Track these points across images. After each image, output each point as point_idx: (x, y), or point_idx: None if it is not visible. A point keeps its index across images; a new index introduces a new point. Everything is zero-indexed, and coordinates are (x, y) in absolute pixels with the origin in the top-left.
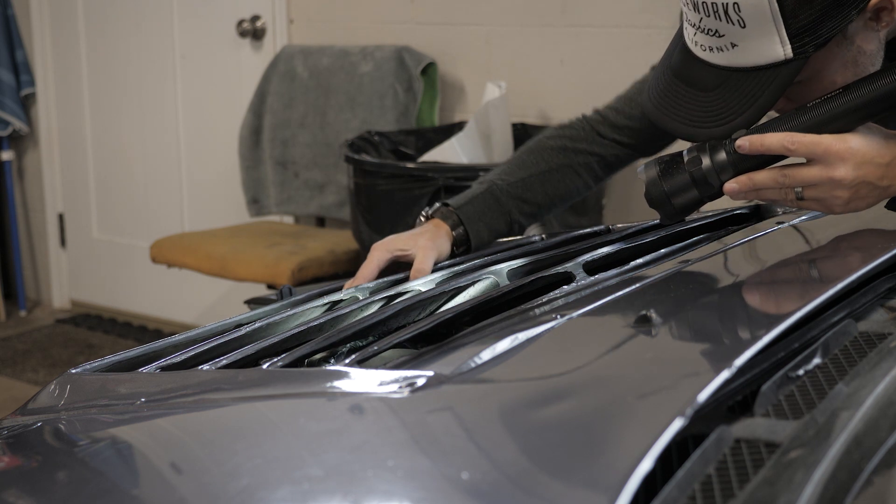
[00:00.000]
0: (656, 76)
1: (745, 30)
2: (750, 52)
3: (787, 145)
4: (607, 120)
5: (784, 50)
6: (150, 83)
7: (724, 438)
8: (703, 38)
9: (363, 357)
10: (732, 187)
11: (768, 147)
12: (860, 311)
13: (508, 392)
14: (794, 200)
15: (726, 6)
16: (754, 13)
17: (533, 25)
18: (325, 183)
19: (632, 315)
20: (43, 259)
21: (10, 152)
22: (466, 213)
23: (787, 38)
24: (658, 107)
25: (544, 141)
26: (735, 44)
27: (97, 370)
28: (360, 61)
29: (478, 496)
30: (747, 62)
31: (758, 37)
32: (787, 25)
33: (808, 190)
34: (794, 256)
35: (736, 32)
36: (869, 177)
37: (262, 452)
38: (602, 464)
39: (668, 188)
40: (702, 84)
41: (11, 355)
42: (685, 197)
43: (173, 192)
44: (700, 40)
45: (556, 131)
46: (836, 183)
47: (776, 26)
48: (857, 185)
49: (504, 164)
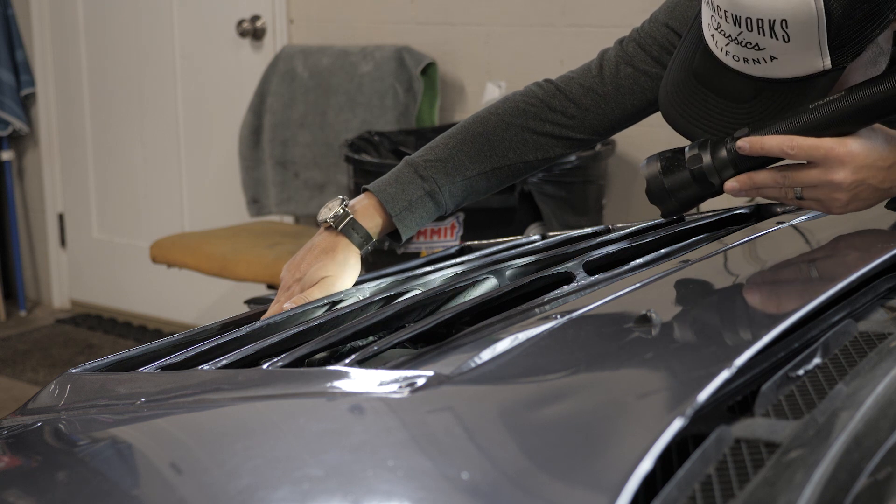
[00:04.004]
0: (675, 80)
1: (788, 44)
2: (789, 65)
3: (785, 149)
4: (564, 95)
5: (824, 62)
6: (150, 83)
7: (724, 438)
8: (737, 49)
9: (363, 357)
10: (732, 186)
11: (768, 150)
12: (860, 311)
13: (508, 392)
14: (794, 199)
15: (773, 22)
16: (802, 30)
17: (533, 25)
18: (325, 183)
19: (632, 315)
20: (43, 259)
21: (10, 152)
22: (406, 221)
23: (829, 52)
24: (684, 115)
25: (480, 113)
26: (775, 57)
27: (97, 370)
28: (360, 61)
29: (478, 496)
30: (785, 74)
31: (801, 51)
32: (829, 40)
33: (807, 191)
34: (794, 256)
35: (778, 47)
36: (869, 180)
37: (262, 452)
38: (602, 464)
39: (669, 184)
40: (734, 95)
41: (11, 355)
42: (685, 193)
43: (173, 192)
44: (733, 51)
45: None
46: (835, 186)
47: (820, 41)
48: (857, 188)
49: (442, 150)
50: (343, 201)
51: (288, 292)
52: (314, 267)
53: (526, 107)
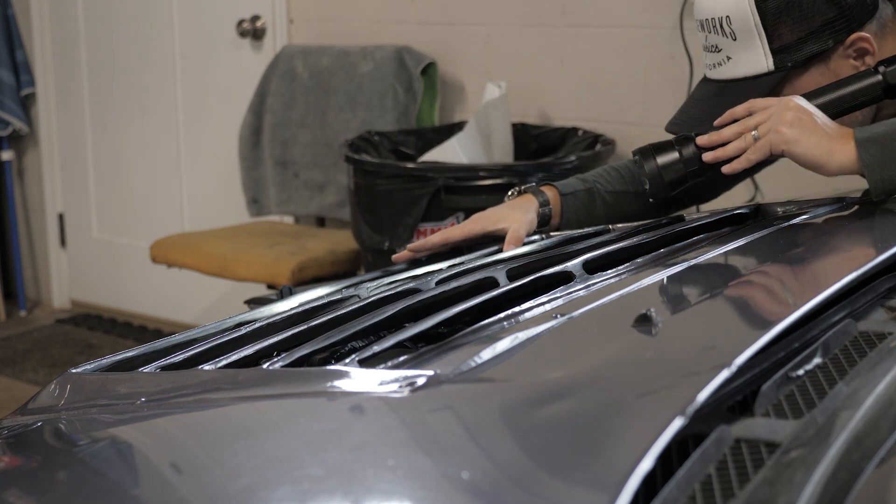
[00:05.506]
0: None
1: (735, 42)
2: (741, 64)
3: (737, 112)
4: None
5: (767, 62)
6: (150, 83)
7: (724, 438)
8: (709, 57)
9: (363, 357)
10: (703, 140)
11: (733, 114)
12: (860, 311)
13: (508, 392)
14: (753, 141)
15: (721, 20)
16: (742, 25)
17: (533, 25)
18: (325, 183)
19: (632, 315)
20: (43, 259)
21: (10, 152)
22: (568, 202)
23: (770, 52)
24: (673, 122)
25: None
26: (730, 56)
27: (97, 370)
28: (360, 61)
29: (478, 495)
30: (738, 73)
31: (746, 49)
32: (769, 41)
33: (760, 128)
34: (793, 256)
35: (730, 45)
36: (813, 116)
37: (263, 452)
38: (602, 463)
39: (660, 161)
40: (705, 95)
41: (11, 355)
42: (668, 157)
43: (173, 192)
44: (708, 60)
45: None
46: (782, 105)
47: (760, 40)
48: (801, 112)
49: (604, 170)
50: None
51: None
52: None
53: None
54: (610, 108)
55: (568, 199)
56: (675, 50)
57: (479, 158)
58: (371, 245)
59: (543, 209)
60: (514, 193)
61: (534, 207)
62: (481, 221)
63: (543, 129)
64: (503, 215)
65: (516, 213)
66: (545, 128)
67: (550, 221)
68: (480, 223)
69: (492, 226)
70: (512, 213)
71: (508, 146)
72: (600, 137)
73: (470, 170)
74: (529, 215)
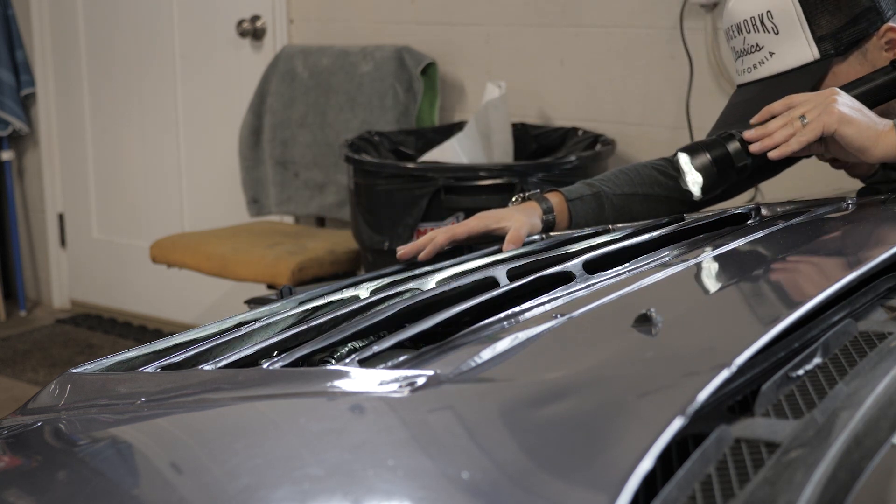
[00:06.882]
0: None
1: (779, 36)
2: (785, 56)
3: (780, 107)
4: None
5: (812, 51)
6: (150, 83)
7: (724, 438)
8: (748, 59)
9: (363, 357)
10: (750, 135)
11: (771, 111)
12: (860, 311)
13: (508, 391)
14: (801, 127)
15: (761, 17)
16: (784, 18)
17: (533, 25)
18: (325, 183)
19: (632, 315)
20: (43, 259)
21: (10, 152)
22: (576, 207)
23: (814, 41)
24: (718, 125)
25: (650, 166)
26: (773, 52)
27: (97, 370)
28: (360, 61)
29: (478, 495)
30: (783, 66)
31: (790, 39)
32: (812, 30)
33: (808, 113)
34: (793, 256)
35: (772, 40)
36: (860, 108)
37: (263, 452)
38: (602, 463)
39: (712, 155)
40: (744, 98)
41: (11, 355)
42: (718, 152)
43: (173, 192)
44: (746, 63)
45: (662, 161)
46: (827, 92)
47: (803, 29)
48: (847, 98)
49: (610, 174)
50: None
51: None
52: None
53: (656, 164)
54: (610, 108)
55: (575, 203)
56: (675, 50)
57: (479, 158)
58: (371, 245)
59: (547, 216)
60: (518, 200)
61: (537, 214)
62: (485, 219)
63: (543, 129)
64: (506, 214)
65: (519, 214)
66: (545, 128)
67: (555, 228)
68: (484, 220)
69: (495, 224)
70: (515, 214)
71: (508, 146)
72: (600, 137)
73: (470, 170)
74: (532, 218)
